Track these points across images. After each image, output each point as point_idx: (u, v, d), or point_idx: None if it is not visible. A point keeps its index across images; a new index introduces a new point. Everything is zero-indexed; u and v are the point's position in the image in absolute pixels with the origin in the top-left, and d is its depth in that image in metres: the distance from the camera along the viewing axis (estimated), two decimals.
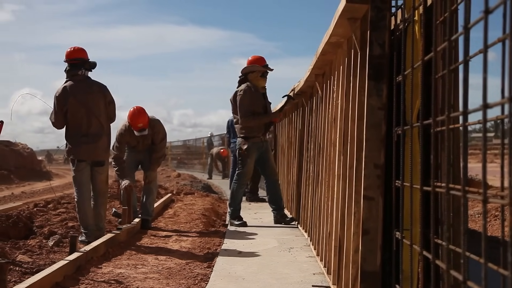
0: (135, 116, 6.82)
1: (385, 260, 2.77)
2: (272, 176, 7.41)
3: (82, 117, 5.74)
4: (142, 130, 6.83)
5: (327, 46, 4.13)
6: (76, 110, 5.72)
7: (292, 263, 4.74)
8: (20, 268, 4.35)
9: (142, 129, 6.82)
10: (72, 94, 5.72)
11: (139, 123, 6.80)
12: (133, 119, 6.81)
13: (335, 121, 4.11)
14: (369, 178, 2.82)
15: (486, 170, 1.22)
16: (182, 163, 35.33)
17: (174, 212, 8.68)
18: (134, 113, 6.84)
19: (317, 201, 5.07)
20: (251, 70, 7.18)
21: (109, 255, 5.17)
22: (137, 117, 6.82)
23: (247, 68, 7.22)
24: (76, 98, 5.72)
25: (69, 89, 5.75)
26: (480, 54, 1.25)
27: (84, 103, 5.74)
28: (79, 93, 5.75)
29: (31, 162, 24.70)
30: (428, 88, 1.99)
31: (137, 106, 6.97)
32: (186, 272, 4.55)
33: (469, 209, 8.01)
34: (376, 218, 2.79)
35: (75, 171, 5.78)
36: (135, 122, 6.80)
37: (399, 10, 2.87)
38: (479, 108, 1.20)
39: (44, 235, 5.78)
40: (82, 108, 5.74)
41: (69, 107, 5.71)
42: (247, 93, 7.07)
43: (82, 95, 5.75)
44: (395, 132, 2.28)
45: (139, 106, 6.99)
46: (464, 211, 1.33)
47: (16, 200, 11.62)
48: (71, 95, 5.72)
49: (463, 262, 1.30)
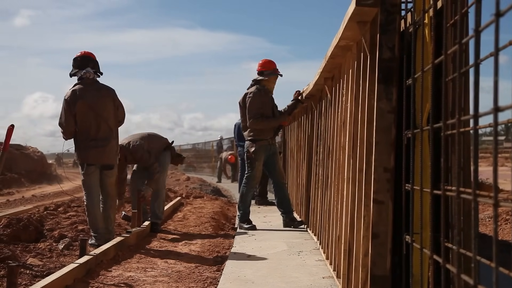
0: None
1: (395, 264, 2.76)
2: (280, 179, 7.39)
3: (91, 120, 5.76)
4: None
5: (337, 50, 4.13)
6: (85, 113, 5.74)
7: (301, 267, 4.73)
8: (31, 271, 4.37)
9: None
10: (81, 97, 5.75)
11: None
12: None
13: (344, 125, 4.10)
14: (378, 181, 2.81)
15: (497, 173, 1.21)
16: (191, 167, 35.37)
17: (184, 215, 8.69)
18: None
19: (327, 205, 5.06)
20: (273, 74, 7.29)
21: (119, 258, 5.19)
22: None
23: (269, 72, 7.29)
24: (85, 101, 5.74)
25: (78, 92, 5.78)
26: (491, 57, 1.25)
27: (93, 107, 5.76)
28: (88, 96, 5.77)
29: (42, 166, 24.81)
30: (438, 91, 1.98)
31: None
32: (195, 276, 4.55)
33: (480, 212, 7.97)
34: (386, 222, 2.78)
35: (84, 175, 5.80)
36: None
37: (409, 13, 2.87)
38: (490, 112, 1.19)
39: (54, 238, 5.80)
40: (91, 112, 5.76)
41: (78, 110, 5.73)
42: (257, 96, 7.13)
43: (91, 98, 5.77)
44: (405, 135, 2.27)
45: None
46: (475, 215, 1.32)
47: (27, 203, 11.67)
48: (80, 98, 5.74)
49: (473, 266, 1.29)
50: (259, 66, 7.36)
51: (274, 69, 7.33)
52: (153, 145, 7.11)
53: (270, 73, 7.29)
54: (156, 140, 7.26)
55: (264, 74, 7.28)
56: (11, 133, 5.02)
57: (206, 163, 32.34)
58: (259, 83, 7.26)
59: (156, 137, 7.35)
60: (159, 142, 7.24)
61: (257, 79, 7.30)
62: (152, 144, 7.11)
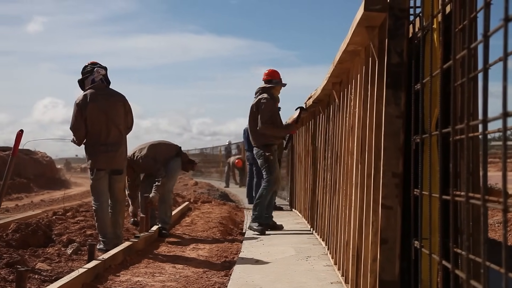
0: None
1: (404, 269, 2.75)
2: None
3: (101, 125, 5.78)
4: None
5: (345, 55, 4.13)
6: (96, 117, 5.77)
7: (309, 272, 4.72)
8: (40, 276, 4.38)
9: None
10: (92, 100, 5.78)
11: None
12: None
13: (352, 130, 4.10)
14: (387, 187, 2.80)
15: (506, 179, 1.21)
16: (199, 172, 35.44)
17: (192, 220, 8.69)
18: None
19: (335, 210, 5.05)
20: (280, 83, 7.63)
21: (127, 263, 5.19)
22: None
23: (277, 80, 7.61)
24: (96, 105, 5.77)
25: (90, 96, 5.81)
26: (500, 62, 1.24)
27: (104, 111, 5.80)
28: (99, 100, 5.81)
29: (50, 171, 24.91)
30: (447, 96, 1.98)
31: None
32: (203, 281, 4.55)
33: (489, 218, 7.93)
34: (395, 227, 2.77)
35: (94, 180, 5.81)
36: None
37: (417, 18, 2.86)
38: (499, 117, 1.19)
39: (63, 243, 5.82)
40: (102, 116, 5.79)
41: (89, 113, 5.76)
42: (270, 102, 7.39)
43: (103, 102, 5.81)
44: (413, 140, 2.26)
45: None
46: (484, 220, 1.32)
47: (35, 208, 11.71)
48: (91, 102, 5.77)
49: (483, 272, 1.29)
50: (267, 75, 7.63)
51: (280, 78, 7.66)
52: (160, 152, 7.27)
53: (277, 82, 7.60)
54: (164, 147, 7.41)
55: (273, 82, 7.56)
56: (20, 138, 5.05)
57: (214, 168, 32.36)
58: (267, 91, 7.47)
59: (164, 144, 7.50)
60: (167, 149, 7.36)
61: (265, 87, 7.51)
62: (159, 151, 7.28)
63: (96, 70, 5.90)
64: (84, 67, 5.97)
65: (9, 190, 16.86)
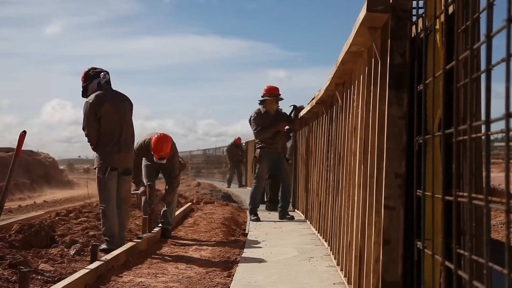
0: (159, 144, 6.67)
1: (407, 270, 2.74)
2: (285, 180, 9.12)
3: (114, 124, 5.79)
4: (161, 159, 6.71)
5: (347, 55, 4.12)
6: (110, 116, 5.76)
7: (312, 273, 4.72)
8: (42, 276, 4.39)
9: (162, 158, 6.71)
10: (106, 99, 5.78)
11: (161, 152, 6.68)
12: (157, 147, 6.66)
13: (355, 130, 4.09)
14: (390, 187, 2.80)
15: (509, 179, 1.21)
16: (200, 172, 35.54)
17: (194, 221, 8.70)
18: (158, 141, 6.69)
19: (337, 211, 5.05)
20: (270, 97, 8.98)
21: (130, 264, 5.20)
22: (161, 146, 6.68)
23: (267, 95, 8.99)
24: (111, 105, 5.78)
25: (102, 96, 5.81)
26: (502, 62, 1.24)
27: (118, 110, 5.82)
28: (113, 99, 5.83)
29: (53, 171, 24.95)
30: (450, 97, 1.97)
31: (163, 134, 6.84)
32: (206, 281, 4.55)
33: (492, 219, 7.92)
34: (397, 228, 2.77)
35: (106, 179, 5.76)
36: (157, 150, 6.67)
37: (420, 19, 2.86)
38: (501, 117, 1.19)
39: (66, 244, 5.82)
40: (116, 114, 5.80)
41: (104, 112, 5.75)
42: (258, 115, 8.98)
43: (116, 102, 5.84)
44: (416, 141, 2.26)
45: (165, 134, 6.86)
46: (487, 221, 1.32)
47: (38, 209, 11.72)
48: (106, 101, 5.77)
49: (486, 273, 1.29)
50: (263, 91, 9.08)
51: (272, 93, 8.99)
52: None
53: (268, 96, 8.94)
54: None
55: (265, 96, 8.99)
56: (23, 139, 5.05)
57: (216, 169, 32.37)
58: (262, 103, 9.04)
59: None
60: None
61: (260, 101, 9.10)
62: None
63: (100, 74, 5.91)
64: (85, 73, 5.96)
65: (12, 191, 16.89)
